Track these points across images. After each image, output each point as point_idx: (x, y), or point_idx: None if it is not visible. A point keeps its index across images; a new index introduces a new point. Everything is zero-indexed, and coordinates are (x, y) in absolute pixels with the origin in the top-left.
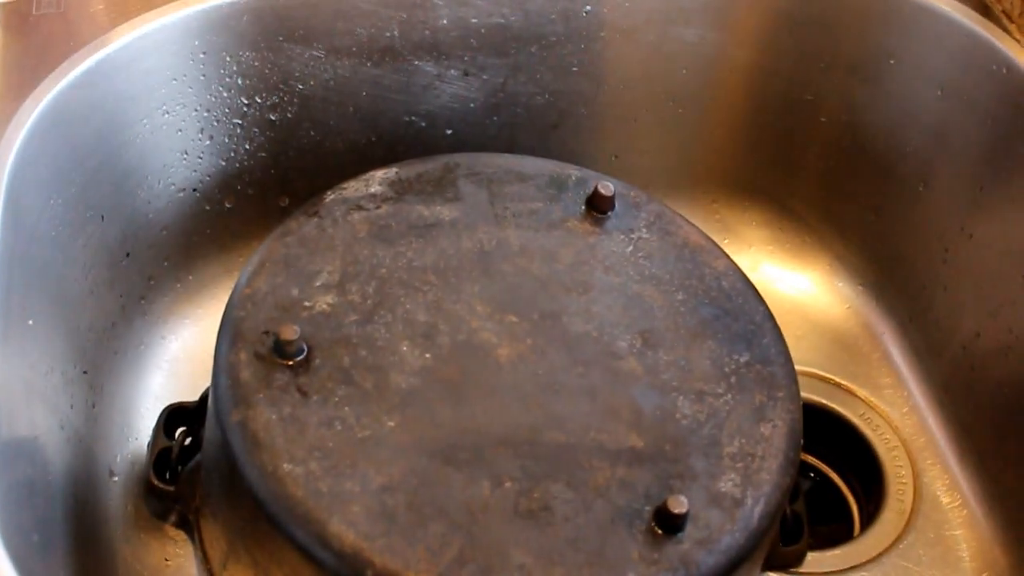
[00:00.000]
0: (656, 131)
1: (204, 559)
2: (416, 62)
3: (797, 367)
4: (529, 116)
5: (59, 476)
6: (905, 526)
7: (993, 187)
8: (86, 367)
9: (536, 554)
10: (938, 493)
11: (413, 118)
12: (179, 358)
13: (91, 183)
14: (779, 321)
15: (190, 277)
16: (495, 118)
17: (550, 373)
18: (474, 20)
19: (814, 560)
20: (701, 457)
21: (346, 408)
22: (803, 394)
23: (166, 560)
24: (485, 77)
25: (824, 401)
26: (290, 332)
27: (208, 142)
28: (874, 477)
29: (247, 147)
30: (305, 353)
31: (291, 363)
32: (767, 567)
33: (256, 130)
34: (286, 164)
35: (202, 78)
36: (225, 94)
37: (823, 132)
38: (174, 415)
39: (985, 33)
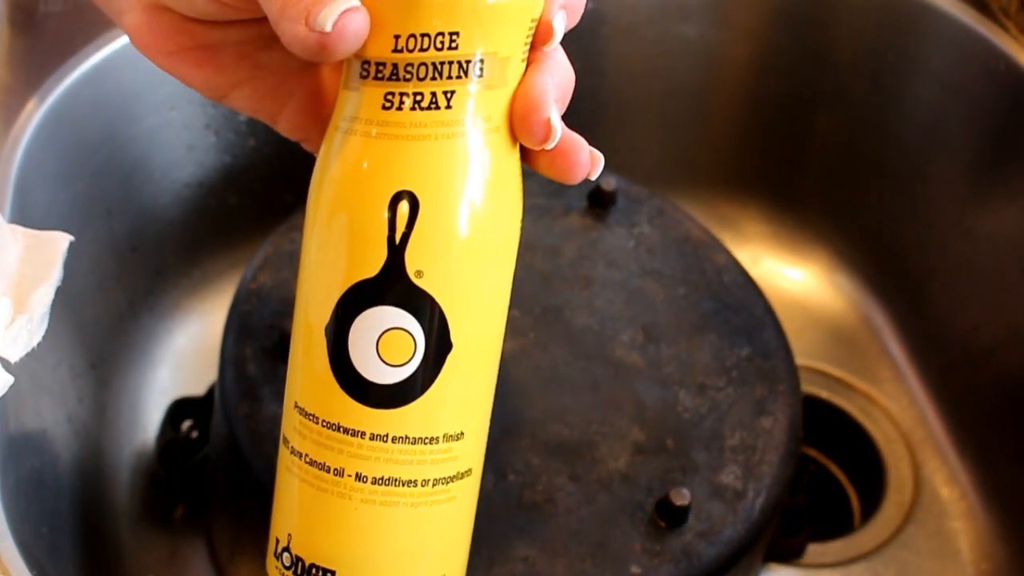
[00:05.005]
0: (657, 127)
1: (211, 551)
2: None
3: (797, 360)
4: None
5: (67, 469)
6: (905, 518)
7: (990, 182)
8: (93, 361)
9: (539, 546)
10: (937, 485)
11: None
12: (186, 352)
13: (98, 178)
14: (779, 315)
15: (196, 272)
16: None
17: (552, 367)
18: None
19: (814, 551)
20: (703, 450)
21: None
22: (803, 387)
23: (173, 552)
24: None
25: (824, 394)
26: None
27: (214, 138)
28: (874, 469)
29: (252, 143)
30: None
31: None
32: (768, 558)
33: (261, 126)
34: (291, 160)
35: None
36: None
37: (822, 128)
38: (181, 408)
39: (982, 30)
